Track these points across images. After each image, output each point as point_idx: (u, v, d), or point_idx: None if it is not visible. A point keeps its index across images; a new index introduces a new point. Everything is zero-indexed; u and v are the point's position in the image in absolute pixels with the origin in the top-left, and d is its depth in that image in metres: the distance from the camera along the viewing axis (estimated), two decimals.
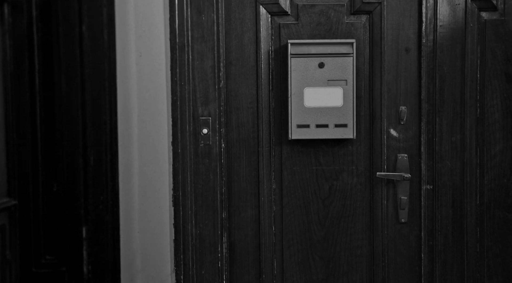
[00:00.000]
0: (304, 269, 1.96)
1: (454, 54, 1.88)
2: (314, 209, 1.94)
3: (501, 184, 1.91)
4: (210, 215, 1.84)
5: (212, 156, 1.83)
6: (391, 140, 1.91)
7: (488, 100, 1.89)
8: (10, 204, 1.19)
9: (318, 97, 1.86)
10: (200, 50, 1.80)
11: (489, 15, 1.88)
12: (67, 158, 1.24)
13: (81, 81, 1.24)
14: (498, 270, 1.92)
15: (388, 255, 1.95)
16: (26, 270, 1.24)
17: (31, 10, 1.22)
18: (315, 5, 1.89)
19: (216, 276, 1.84)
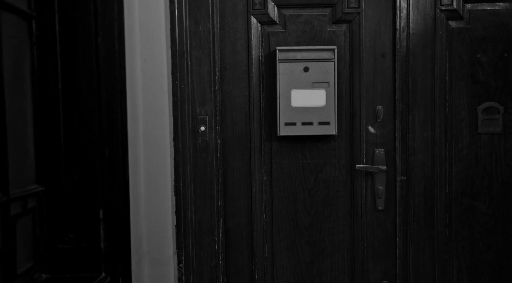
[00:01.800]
0: (292, 252, 2.14)
1: (425, 59, 2.07)
2: (301, 199, 2.13)
3: (467, 175, 2.10)
4: (208, 204, 2.02)
5: (209, 151, 2.01)
6: (369, 136, 2.10)
7: (456, 100, 2.08)
8: (38, 190, 1.39)
9: (304, 97, 2.03)
10: (198, 56, 1.97)
11: (456, 24, 2.07)
12: (86, 151, 1.44)
13: (97, 85, 1.43)
14: (465, 251, 2.12)
15: (367, 239, 2.13)
16: (52, 246, 1.43)
17: (54, 25, 1.41)
18: (301, 15, 2.08)
19: (213, 257, 2.02)
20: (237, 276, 2.11)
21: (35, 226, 1.35)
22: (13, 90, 1.24)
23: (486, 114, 2.07)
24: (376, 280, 2.13)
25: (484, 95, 2.07)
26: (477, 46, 2.06)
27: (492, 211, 2.09)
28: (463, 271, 2.11)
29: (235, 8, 2.04)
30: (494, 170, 2.08)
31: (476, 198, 2.10)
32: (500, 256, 2.10)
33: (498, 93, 2.06)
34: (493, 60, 2.06)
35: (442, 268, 2.12)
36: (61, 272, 1.42)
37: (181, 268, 1.97)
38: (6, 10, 1.23)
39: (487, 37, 2.06)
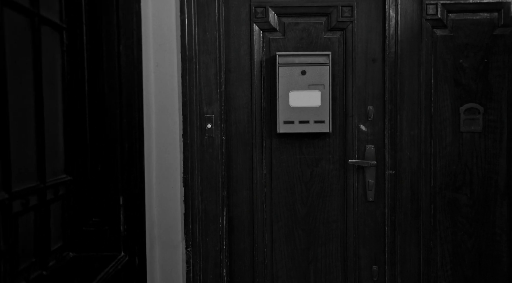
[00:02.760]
0: (290, 240, 2.33)
1: (412, 63, 2.26)
2: (298, 191, 2.33)
3: (450, 170, 2.30)
4: (213, 194, 2.21)
5: (215, 147, 2.20)
6: (360, 133, 2.29)
7: (440, 101, 2.28)
8: (67, 179, 1.58)
9: (301, 98, 2.22)
10: (205, 61, 2.16)
11: (440, 32, 2.26)
12: (108, 146, 1.63)
13: (119, 88, 1.63)
14: (448, 239, 2.31)
15: (358, 228, 2.33)
16: (78, 228, 1.63)
17: (82, 35, 1.60)
18: (299, 23, 2.27)
19: (218, 242, 2.22)
20: (239, 260, 2.30)
21: (64, 211, 1.55)
22: (48, 93, 1.44)
23: (467, 114, 2.27)
24: (367, 265, 2.33)
25: (466, 97, 2.26)
26: (460, 52, 2.25)
27: (473, 203, 2.29)
28: (446, 258, 2.31)
29: (239, 16, 2.24)
30: (475, 165, 2.28)
31: (458, 191, 2.29)
32: (480, 243, 2.30)
33: (479, 95, 2.26)
34: (474, 65, 2.25)
35: (427, 254, 2.31)
36: (86, 251, 1.62)
37: (189, 252, 2.16)
38: (44, 24, 1.43)
39: (468, 44, 2.25)
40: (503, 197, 2.28)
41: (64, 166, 1.58)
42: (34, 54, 1.37)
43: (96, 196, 1.63)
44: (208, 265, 2.20)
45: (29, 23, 1.35)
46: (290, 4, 2.24)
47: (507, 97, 2.24)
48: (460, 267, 2.30)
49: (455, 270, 2.30)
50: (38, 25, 1.39)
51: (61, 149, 1.56)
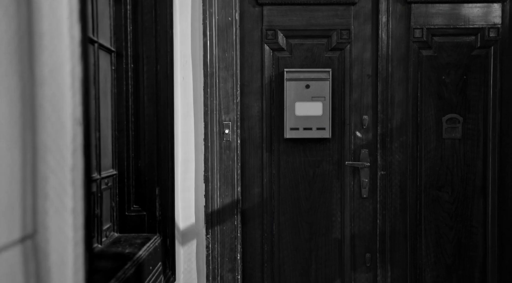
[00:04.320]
0: (294, 230, 2.69)
1: (401, 79, 2.61)
2: (302, 188, 2.68)
3: (434, 171, 2.65)
4: (229, 190, 2.56)
5: (231, 149, 2.56)
6: (356, 139, 2.65)
7: (425, 112, 2.63)
8: (113, 173, 1.95)
9: (305, 108, 2.57)
10: (224, 76, 2.53)
11: (426, 52, 2.62)
12: (147, 146, 2.00)
13: (156, 99, 2.00)
14: (432, 232, 2.66)
15: (354, 221, 2.68)
16: (123, 213, 2.00)
17: (128, 56, 1.98)
18: (304, 44, 2.64)
19: (233, 230, 2.57)
20: (250, 247, 2.66)
21: (111, 199, 1.92)
22: (102, 103, 1.82)
23: (449, 123, 2.62)
24: (361, 253, 2.68)
25: (447, 109, 2.61)
26: (442, 70, 2.61)
27: (453, 200, 2.63)
28: (430, 247, 2.65)
29: (252, 38, 2.61)
30: (455, 167, 2.63)
31: (441, 190, 2.64)
32: (459, 235, 2.64)
33: (459, 107, 2.61)
34: (455, 81, 2.60)
35: (413, 244, 2.66)
36: (128, 232, 1.99)
37: (208, 238, 2.52)
38: (100, 49, 1.81)
39: (450, 63, 2.60)
40: (480, 195, 2.62)
41: (112, 163, 1.95)
42: (94, 72, 1.75)
43: (137, 187, 2.01)
44: (225, 249, 2.55)
45: (92, 49, 1.73)
46: (297, 28, 2.60)
47: (483, 109, 2.60)
48: (442, 256, 2.65)
49: (437, 258, 2.65)
50: (98, 50, 1.77)
51: (110, 148, 1.93)
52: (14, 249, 0.89)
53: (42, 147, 0.96)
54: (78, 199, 1.03)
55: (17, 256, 0.89)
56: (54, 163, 0.97)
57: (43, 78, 0.96)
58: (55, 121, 0.98)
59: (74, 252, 1.02)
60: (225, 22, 2.49)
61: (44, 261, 0.96)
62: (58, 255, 0.98)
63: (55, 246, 0.98)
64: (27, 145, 0.93)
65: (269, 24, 2.60)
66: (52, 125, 0.97)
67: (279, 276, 2.67)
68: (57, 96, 0.99)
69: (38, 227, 0.94)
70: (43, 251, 0.96)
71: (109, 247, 1.81)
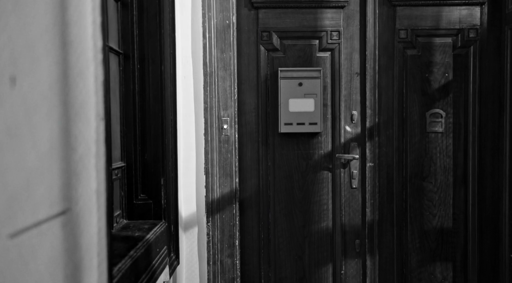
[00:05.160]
0: (289, 218, 2.88)
1: (387, 77, 2.81)
2: (296, 179, 2.87)
3: (418, 163, 2.85)
4: (228, 181, 2.75)
5: (230, 143, 2.74)
6: (346, 133, 2.84)
7: (410, 107, 2.82)
8: (122, 165, 2.13)
9: (298, 105, 2.76)
10: (222, 75, 2.72)
11: (410, 52, 2.81)
12: (153, 140, 2.19)
13: (160, 97, 2.18)
14: (416, 219, 2.86)
15: (344, 209, 2.87)
16: (131, 201, 2.19)
17: (134, 58, 2.16)
18: (297, 44, 2.83)
19: (232, 219, 2.76)
20: (248, 234, 2.85)
21: (120, 188, 2.10)
22: (112, 101, 2.00)
23: (432, 118, 2.81)
24: (351, 239, 2.87)
25: (431, 104, 2.81)
26: (426, 68, 2.80)
27: (437, 189, 2.83)
28: (415, 233, 2.85)
29: (249, 39, 2.80)
30: (438, 159, 2.82)
31: (425, 180, 2.83)
32: (442, 222, 2.84)
33: (441, 102, 2.80)
34: (437, 79, 2.80)
35: (399, 230, 2.85)
36: (136, 219, 2.17)
37: (209, 226, 2.71)
38: (110, 51, 1.99)
39: (432, 61, 2.80)
40: (461, 184, 2.82)
41: (120, 155, 2.14)
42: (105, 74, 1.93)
43: (143, 178, 2.20)
44: (224, 236, 2.74)
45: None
46: (290, 29, 2.79)
47: (464, 104, 2.79)
48: (426, 241, 2.85)
49: (422, 244, 2.85)
50: (108, 52, 1.95)
51: (118, 142, 2.12)
52: (55, 221, 1.07)
53: (73, 137, 1.14)
54: (100, 181, 1.22)
55: (57, 228, 1.08)
56: (81, 151, 1.16)
57: (73, 79, 1.14)
58: (82, 116, 1.17)
59: (98, 225, 1.21)
60: (223, 24, 2.67)
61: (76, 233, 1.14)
62: (86, 228, 1.17)
63: (83, 221, 1.16)
64: (62, 135, 1.12)
65: (264, 26, 2.79)
66: (80, 119, 1.16)
67: (275, 261, 2.86)
68: (83, 94, 1.18)
69: (71, 204, 1.13)
70: (75, 225, 1.14)
71: (119, 232, 2.00)
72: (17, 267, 0.88)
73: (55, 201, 1.06)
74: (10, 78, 0.86)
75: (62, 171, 1.09)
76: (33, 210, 0.94)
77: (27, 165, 0.91)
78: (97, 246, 1.23)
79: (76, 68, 1.16)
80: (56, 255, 1.05)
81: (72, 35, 1.15)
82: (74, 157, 1.14)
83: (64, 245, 1.09)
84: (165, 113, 2.22)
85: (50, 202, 1.03)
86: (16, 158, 0.86)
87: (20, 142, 0.89)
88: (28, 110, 0.92)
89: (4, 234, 0.83)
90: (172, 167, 2.30)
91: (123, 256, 1.64)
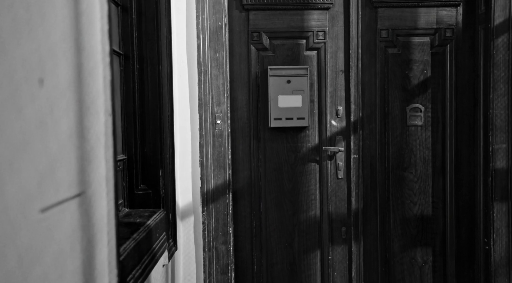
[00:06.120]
0: (279, 208, 3.06)
1: (370, 74, 3.00)
2: (285, 171, 3.06)
3: (399, 154, 3.04)
4: (222, 173, 2.93)
5: (223, 137, 2.92)
6: (332, 127, 3.03)
7: (392, 102, 3.01)
8: (123, 158, 2.31)
9: (287, 101, 2.95)
10: (215, 73, 2.89)
11: (391, 50, 3.00)
12: (152, 134, 2.36)
13: (158, 94, 2.36)
14: (398, 207, 3.05)
15: (331, 199, 3.06)
16: (132, 191, 2.36)
17: (134, 58, 2.34)
18: (285, 44, 3.01)
19: (225, 208, 2.94)
20: (241, 223, 3.04)
21: (122, 179, 2.28)
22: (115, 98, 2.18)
23: (412, 112, 3.00)
24: (337, 227, 3.06)
25: (411, 99, 3.00)
26: (406, 65, 2.99)
27: (417, 179, 3.02)
28: (397, 221, 3.05)
29: (240, 40, 2.98)
30: (418, 151, 3.02)
31: (406, 170, 3.03)
32: (422, 209, 3.04)
33: (421, 97, 3.00)
34: (417, 75, 2.99)
35: (382, 218, 3.05)
36: (136, 207, 2.35)
37: (204, 215, 2.89)
38: (114, 53, 2.17)
39: (412, 59, 2.99)
40: (439, 174, 3.02)
41: (122, 149, 2.32)
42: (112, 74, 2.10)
43: (143, 170, 2.37)
44: (219, 225, 2.92)
45: None
46: (279, 30, 2.97)
47: (441, 99, 2.99)
48: (408, 228, 3.04)
49: (404, 230, 3.04)
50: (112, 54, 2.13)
51: (120, 136, 2.29)
52: (73, 202, 1.25)
53: (86, 129, 1.32)
54: (109, 169, 1.40)
55: (74, 208, 1.26)
56: (93, 142, 1.34)
57: (85, 79, 1.32)
58: (93, 111, 1.35)
59: (107, 207, 1.39)
60: (215, 26, 2.85)
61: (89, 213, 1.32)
62: (98, 210, 1.35)
63: (95, 203, 1.34)
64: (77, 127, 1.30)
65: (255, 27, 2.97)
66: (91, 114, 1.34)
67: (266, 248, 3.05)
68: (94, 92, 1.36)
69: (85, 187, 1.31)
70: (89, 206, 1.32)
71: (122, 218, 2.18)
72: (46, 236, 1.05)
73: (73, 184, 1.24)
74: (39, 80, 1.04)
75: (77, 158, 1.27)
76: (56, 191, 1.12)
77: (51, 152, 1.09)
78: (107, 226, 1.42)
79: (87, 70, 1.34)
80: (74, 230, 1.23)
81: (84, 41, 1.33)
82: (86, 147, 1.32)
83: (80, 223, 1.27)
84: (163, 109, 2.39)
85: (68, 185, 1.21)
86: (43, 146, 1.04)
87: (46, 132, 1.07)
88: (51, 106, 1.10)
89: (37, 208, 1.01)
90: (170, 160, 2.48)
91: (127, 238, 1.82)
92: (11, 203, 0.91)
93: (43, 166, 1.05)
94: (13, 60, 0.92)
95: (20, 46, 0.96)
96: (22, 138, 0.97)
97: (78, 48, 1.30)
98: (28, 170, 0.98)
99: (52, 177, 1.11)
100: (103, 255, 1.43)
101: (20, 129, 0.96)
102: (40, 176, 1.04)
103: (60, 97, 1.17)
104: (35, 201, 1.01)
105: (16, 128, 0.94)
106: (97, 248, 1.38)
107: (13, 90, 0.93)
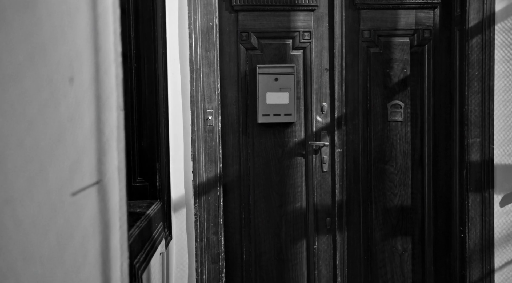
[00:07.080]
0: (267, 200, 3.21)
1: (353, 73, 3.16)
2: (273, 164, 3.20)
3: (381, 149, 3.21)
4: (213, 167, 3.06)
5: (214, 132, 3.05)
6: (317, 123, 3.18)
7: (374, 99, 3.18)
8: None
9: (274, 98, 3.09)
10: (207, 71, 3.01)
11: (373, 50, 3.17)
12: (148, 129, 2.48)
13: (154, 91, 2.48)
14: (380, 199, 3.23)
15: (316, 191, 3.22)
16: (129, 184, 2.47)
17: (131, 57, 2.45)
18: (273, 44, 3.15)
19: (217, 200, 3.07)
20: (231, 214, 3.18)
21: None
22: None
23: (393, 109, 3.18)
24: (322, 217, 3.22)
25: (391, 96, 3.17)
26: (387, 64, 3.16)
27: (397, 171, 3.20)
28: (379, 211, 3.22)
29: (230, 39, 3.11)
30: (398, 145, 3.19)
31: (387, 163, 3.20)
32: (402, 201, 3.22)
33: (401, 94, 3.17)
34: (397, 74, 3.16)
35: (365, 209, 3.22)
36: (134, 199, 2.47)
37: (196, 206, 3.02)
38: None
39: (393, 58, 3.16)
40: (418, 167, 3.20)
41: None
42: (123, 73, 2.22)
43: (141, 163, 2.50)
44: (210, 216, 3.06)
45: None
46: (266, 30, 3.11)
47: (420, 96, 3.17)
48: (389, 218, 3.22)
49: (385, 220, 3.22)
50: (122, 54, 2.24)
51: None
52: (93, 188, 1.37)
53: (102, 123, 1.44)
54: (121, 160, 1.53)
55: (94, 194, 1.38)
56: (108, 134, 1.46)
57: (101, 77, 1.44)
58: (107, 106, 1.47)
59: (119, 194, 1.52)
60: (207, 26, 2.97)
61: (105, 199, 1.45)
62: (112, 196, 1.48)
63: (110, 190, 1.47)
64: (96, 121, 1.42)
65: (244, 27, 3.10)
66: (106, 109, 1.46)
67: (255, 238, 3.20)
68: (108, 89, 1.48)
69: (102, 176, 1.43)
70: (105, 192, 1.44)
71: None
72: (74, 219, 1.18)
73: (93, 172, 1.36)
74: (69, 79, 1.17)
75: (96, 149, 1.39)
76: (81, 178, 1.25)
77: (78, 143, 1.22)
78: (119, 212, 1.55)
79: (103, 69, 1.46)
80: (94, 214, 1.35)
81: (101, 42, 1.45)
82: (103, 139, 1.44)
83: (99, 208, 1.39)
84: (159, 105, 2.52)
85: (90, 173, 1.33)
86: (73, 138, 1.17)
87: (74, 125, 1.19)
88: (78, 102, 1.23)
89: (68, 192, 1.14)
90: (165, 154, 2.60)
91: (131, 226, 1.95)
92: (52, 187, 1.03)
93: (73, 155, 1.18)
94: (52, 62, 1.05)
95: (57, 49, 1.09)
96: (58, 131, 1.10)
97: (96, 49, 1.42)
98: (63, 159, 1.10)
99: (80, 165, 1.24)
100: (116, 238, 1.56)
101: (57, 123, 1.08)
102: (72, 164, 1.16)
103: (84, 94, 1.30)
104: (68, 186, 1.14)
105: (54, 122, 1.07)
106: (112, 232, 1.51)
107: (53, 89, 1.06)
